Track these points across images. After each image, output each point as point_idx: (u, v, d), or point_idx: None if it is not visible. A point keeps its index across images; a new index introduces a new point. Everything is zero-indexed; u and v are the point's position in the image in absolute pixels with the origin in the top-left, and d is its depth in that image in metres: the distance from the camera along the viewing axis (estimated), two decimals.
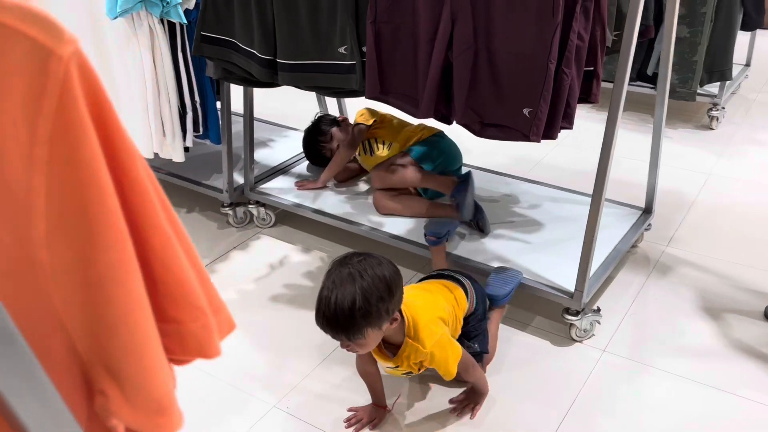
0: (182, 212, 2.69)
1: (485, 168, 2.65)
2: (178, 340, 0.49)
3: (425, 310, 1.61)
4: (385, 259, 1.51)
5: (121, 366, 0.46)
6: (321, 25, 1.85)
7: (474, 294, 1.81)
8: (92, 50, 2.27)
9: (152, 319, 0.46)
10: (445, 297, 1.73)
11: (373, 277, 1.42)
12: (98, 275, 0.43)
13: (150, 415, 0.47)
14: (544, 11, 1.49)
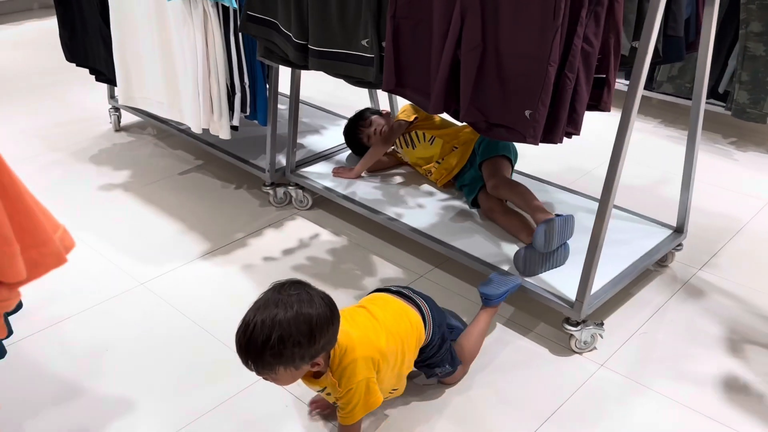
0: (230, 188, 2.85)
1: (528, 174, 2.63)
2: None
3: (360, 345, 1.48)
4: (324, 297, 1.40)
5: None
6: (348, 16, 1.92)
7: (431, 322, 1.67)
8: (156, 28, 2.45)
9: None
10: (397, 325, 1.59)
11: (296, 316, 1.31)
12: None
13: None
14: (546, 14, 1.49)
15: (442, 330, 1.71)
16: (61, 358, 1.92)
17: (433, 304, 1.74)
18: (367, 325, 1.55)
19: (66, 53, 3.03)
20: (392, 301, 1.68)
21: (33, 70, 4.21)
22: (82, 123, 3.46)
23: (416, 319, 1.64)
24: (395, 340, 1.57)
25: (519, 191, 2.23)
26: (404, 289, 1.74)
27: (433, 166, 2.50)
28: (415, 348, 1.65)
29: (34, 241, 0.61)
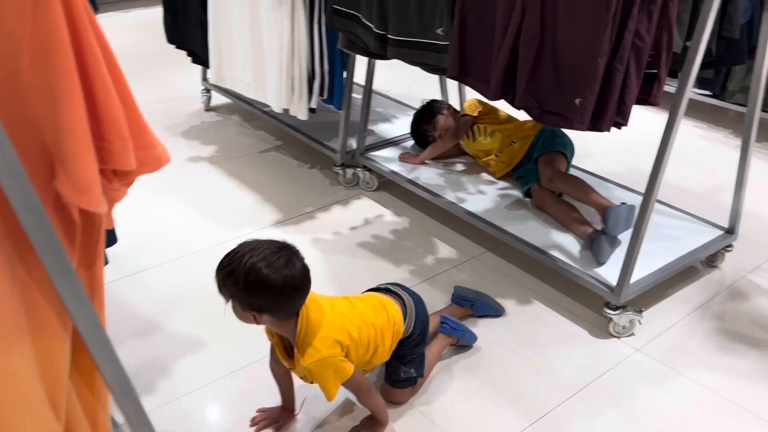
0: (305, 167, 3.06)
1: (590, 170, 2.72)
2: (107, 154, 0.77)
3: (327, 327, 1.52)
4: (294, 276, 1.43)
5: (65, 158, 0.74)
6: (425, 7, 2.08)
7: (414, 317, 1.72)
8: (248, 14, 2.68)
9: (88, 133, 0.73)
10: (372, 314, 1.64)
11: (254, 267, 1.39)
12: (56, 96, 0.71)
13: (77, 194, 0.75)
14: (599, 9, 1.60)
15: (424, 327, 1.76)
16: (143, 300, 2.17)
17: (419, 301, 1.78)
18: (344, 313, 1.59)
19: (167, 35, 3.32)
20: (375, 295, 1.74)
21: (138, 53, 4.58)
22: (177, 102, 3.77)
23: (395, 311, 1.69)
24: (369, 330, 1.61)
25: (576, 183, 2.34)
26: (392, 286, 1.80)
27: (491, 159, 2.63)
28: (392, 339, 1.68)
29: (141, 144, 0.80)
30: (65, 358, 0.87)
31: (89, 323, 0.84)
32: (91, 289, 0.87)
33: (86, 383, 0.93)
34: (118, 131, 0.76)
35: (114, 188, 0.81)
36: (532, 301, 2.19)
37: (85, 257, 0.85)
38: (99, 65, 0.74)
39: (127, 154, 0.77)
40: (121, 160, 0.76)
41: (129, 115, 0.78)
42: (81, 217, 0.82)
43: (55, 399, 0.88)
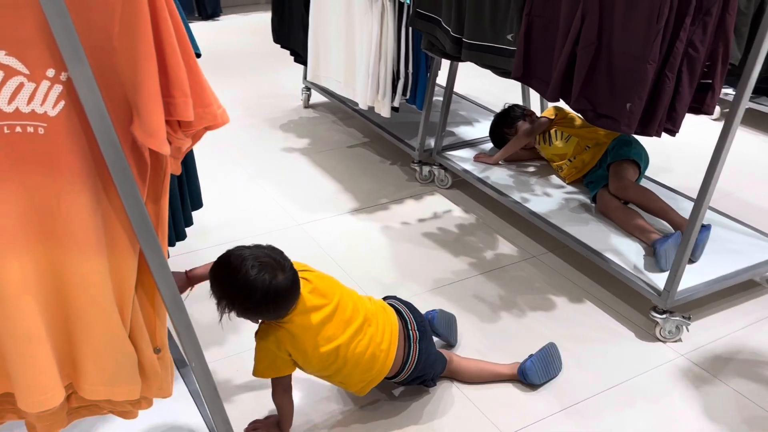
0: (386, 163, 3.25)
1: (665, 184, 2.74)
2: (173, 107, 0.97)
3: (293, 334, 1.55)
4: (287, 283, 1.48)
5: (140, 107, 0.95)
6: (498, 14, 2.22)
7: (415, 361, 1.70)
8: (344, 17, 2.91)
9: (158, 88, 0.94)
10: (355, 335, 1.60)
11: (257, 277, 1.45)
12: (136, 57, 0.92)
13: (147, 137, 0.96)
14: (651, 18, 1.68)
15: (426, 370, 1.75)
16: None
17: (428, 340, 1.76)
18: (327, 336, 1.57)
19: (274, 35, 3.62)
20: (388, 310, 1.73)
21: (250, 52, 4.95)
22: (279, 98, 4.07)
23: (388, 359, 1.66)
24: (343, 345, 1.59)
25: (647, 194, 2.39)
26: (407, 312, 1.78)
27: (564, 163, 2.71)
28: (365, 375, 1.66)
29: (201, 101, 1.00)
30: (132, 274, 1.09)
31: (152, 246, 1.05)
32: (156, 219, 1.08)
33: (149, 299, 1.14)
34: (182, 89, 0.96)
35: (179, 137, 1.02)
36: (584, 300, 2.26)
37: (153, 192, 1.06)
38: (170, 35, 0.94)
39: (187, 108, 0.97)
40: (183, 112, 0.97)
41: (192, 78, 0.98)
42: (151, 158, 1.03)
43: (122, 306, 1.10)
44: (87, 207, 1.01)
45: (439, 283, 2.34)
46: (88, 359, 1.11)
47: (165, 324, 1.17)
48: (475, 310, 2.20)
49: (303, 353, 1.57)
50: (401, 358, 1.71)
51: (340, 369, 1.62)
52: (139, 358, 1.16)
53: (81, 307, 1.07)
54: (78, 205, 1.00)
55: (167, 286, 1.09)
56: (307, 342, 1.56)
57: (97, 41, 0.93)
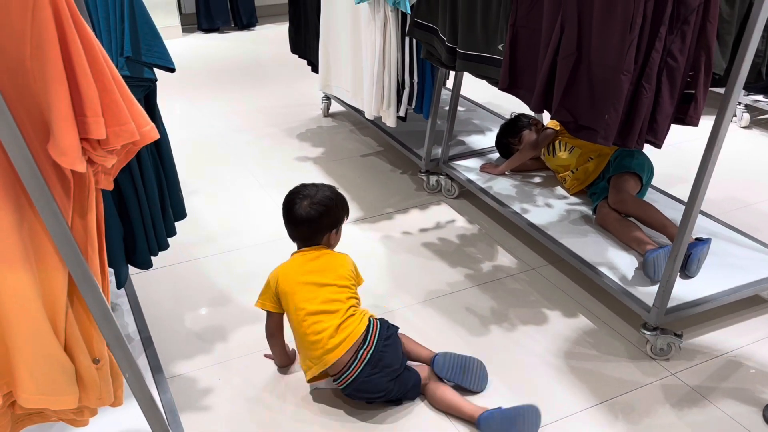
0: (397, 172, 3.25)
1: (669, 193, 2.67)
2: (86, 126, 1.00)
3: (281, 268, 1.87)
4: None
5: (52, 125, 0.97)
6: (489, 24, 2.19)
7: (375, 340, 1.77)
8: (350, 28, 2.93)
9: (69, 109, 0.97)
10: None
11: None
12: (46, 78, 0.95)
13: (60, 155, 0.99)
14: (624, 28, 1.64)
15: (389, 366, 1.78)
16: (224, 275, 2.46)
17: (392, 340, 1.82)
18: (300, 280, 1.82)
19: (291, 45, 3.67)
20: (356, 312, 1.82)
21: (281, 61, 5.03)
22: (299, 107, 4.11)
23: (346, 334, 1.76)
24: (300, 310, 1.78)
25: (646, 208, 2.33)
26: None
27: (567, 174, 2.65)
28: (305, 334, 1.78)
29: (116, 120, 1.02)
30: (63, 286, 1.12)
31: (74, 260, 1.08)
32: (84, 233, 1.11)
33: (84, 311, 1.18)
34: (93, 109, 0.99)
35: (99, 155, 1.04)
36: (578, 315, 2.21)
37: (80, 207, 1.09)
38: (80, 57, 0.97)
39: (99, 127, 1.00)
40: (95, 131, 1.00)
41: (106, 97, 1.01)
42: (73, 175, 1.06)
43: (54, 318, 1.14)
44: (10, 222, 1.04)
45: (432, 294, 2.33)
46: (22, 369, 1.15)
47: (102, 336, 1.20)
48: (465, 323, 2.18)
49: (284, 294, 1.82)
50: (342, 365, 1.76)
51: (295, 330, 1.82)
52: (77, 368, 1.19)
53: (12, 319, 1.11)
54: (1, 221, 1.04)
55: (94, 299, 1.11)
56: (287, 285, 1.82)
57: (11, 63, 0.97)
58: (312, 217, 1.84)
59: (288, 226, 1.90)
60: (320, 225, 1.86)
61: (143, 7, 1.63)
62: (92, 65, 0.99)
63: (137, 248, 1.85)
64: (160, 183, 1.86)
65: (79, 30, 0.97)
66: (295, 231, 1.89)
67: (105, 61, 1.01)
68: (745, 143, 3.51)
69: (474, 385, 1.88)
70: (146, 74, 1.67)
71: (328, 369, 1.78)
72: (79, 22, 0.97)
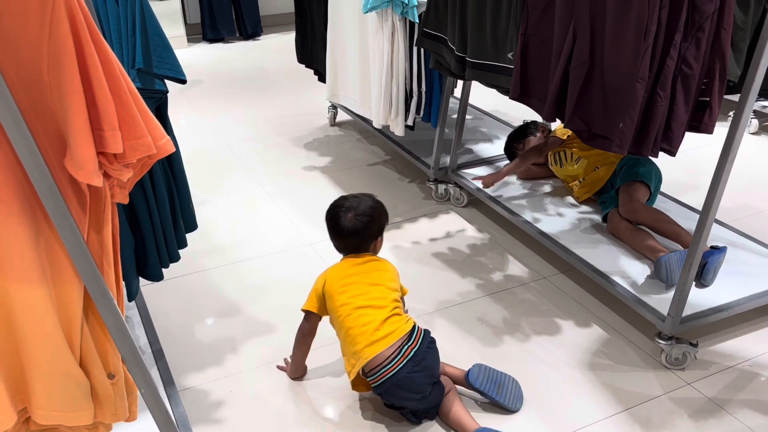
0: (405, 181, 3.24)
1: (681, 200, 2.65)
2: (103, 140, 0.99)
3: (331, 271, 1.89)
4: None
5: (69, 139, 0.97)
6: (498, 33, 2.18)
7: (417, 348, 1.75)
8: (358, 37, 2.92)
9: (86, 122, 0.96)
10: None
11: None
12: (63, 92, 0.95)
13: (77, 169, 0.98)
14: (639, 35, 1.63)
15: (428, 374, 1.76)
16: (234, 286, 2.45)
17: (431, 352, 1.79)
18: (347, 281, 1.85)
19: (297, 55, 3.67)
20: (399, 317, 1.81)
21: (286, 71, 5.04)
22: (306, 116, 4.11)
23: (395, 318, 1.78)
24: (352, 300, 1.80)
25: (659, 217, 2.31)
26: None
27: (575, 184, 2.64)
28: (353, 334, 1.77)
29: (132, 134, 1.01)
30: (79, 301, 1.11)
31: (91, 275, 1.07)
32: (100, 247, 1.10)
33: (100, 325, 1.17)
34: (110, 122, 0.98)
35: (115, 169, 1.03)
36: (591, 324, 2.19)
37: (96, 222, 1.08)
38: (97, 70, 0.96)
39: (116, 141, 0.99)
40: (112, 145, 0.99)
41: (123, 111, 1.00)
42: (90, 189, 1.06)
43: (70, 333, 1.12)
44: (26, 237, 1.04)
45: (444, 304, 2.31)
46: (38, 385, 1.14)
47: (117, 350, 1.19)
48: (477, 334, 2.16)
49: (331, 294, 1.83)
50: (384, 359, 1.73)
51: (339, 327, 1.82)
52: (92, 383, 1.18)
53: (27, 335, 1.10)
54: (16, 236, 1.03)
55: (110, 314, 1.10)
56: (336, 285, 1.84)
57: (28, 77, 0.96)
58: (358, 228, 1.87)
59: (335, 239, 1.92)
60: (366, 234, 1.89)
61: (155, 19, 1.63)
62: (109, 79, 0.98)
63: (149, 261, 1.84)
64: (171, 195, 1.85)
65: (97, 44, 0.96)
66: (343, 243, 1.91)
67: (121, 75, 1.01)
68: (754, 149, 3.49)
69: (509, 402, 1.84)
70: (158, 86, 1.66)
71: (367, 364, 1.73)
72: (96, 36, 0.96)
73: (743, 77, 1.71)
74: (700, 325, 1.99)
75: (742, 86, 1.70)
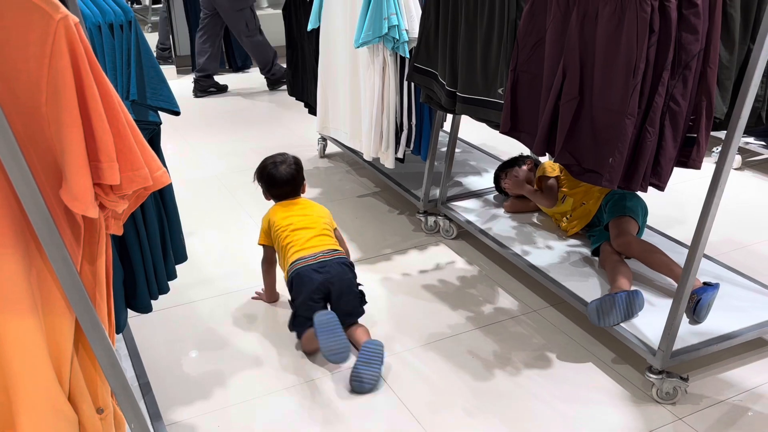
0: (394, 213, 3.24)
1: (668, 234, 2.68)
2: (100, 171, 0.99)
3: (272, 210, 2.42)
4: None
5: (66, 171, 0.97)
6: (489, 68, 2.22)
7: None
8: (350, 71, 2.96)
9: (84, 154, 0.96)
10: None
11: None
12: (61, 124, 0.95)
13: (72, 200, 0.98)
14: (628, 72, 1.66)
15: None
16: (222, 318, 2.43)
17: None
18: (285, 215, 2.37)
19: (288, 88, 3.70)
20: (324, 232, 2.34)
21: (271, 103, 5.07)
22: (296, 148, 4.12)
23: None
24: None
25: (652, 250, 2.32)
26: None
27: (563, 220, 2.67)
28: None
29: (129, 166, 1.01)
30: (69, 334, 1.10)
31: (83, 307, 1.06)
32: (93, 279, 1.09)
33: (90, 359, 1.15)
34: (108, 154, 0.98)
35: (111, 200, 1.03)
36: (581, 358, 2.19)
37: (89, 254, 1.08)
38: (96, 103, 0.97)
39: (113, 172, 0.99)
40: (109, 177, 0.99)
41: (120, 143, 1.00)
42: (84, 220, 1.05)
43: (60, 367, 1.11)
44: (18, 269, 1.03)
45: (434, 337, 2.30)
46: (25, 419, 1.11)
47: (107, 384, 1.17)
48: (468, 368, 2.15)
49: (275, 227, 2.35)
50: (301, 258, 2.23)
51: (280, 248, 2.33)
52: (80, 418, 1.16)
53: (15, 368, 1.08)
54: (9, 267, 1.02)
55: (101, 347, 1.09)
56: (278, 221, 2.35)
57: (26, 108, 0.96)
58: (293, 175, 2.37)
59: (273, 190, 2.40)
60: (298, 180, 2.39)
61: (150, 52, 1.64)
62: (108, 111, 0.99)
63: (138, 292, 1.82)
64: (162, 225, 1.85)
65: (97, 77, 0.97)
66: (282, 190, 2.38)
67: (120, 107, 1.01)
68: (737, 184, 3.54)
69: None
70: (151, 117, 1.67)
71: (291, 264, 2.23)
72: (96, 68, 0.97)
73: (729, 114, 1.75)
74: (690, 359, 1.99)
75: (728, 123, 1.73)
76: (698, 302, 2.06)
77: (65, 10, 0.92)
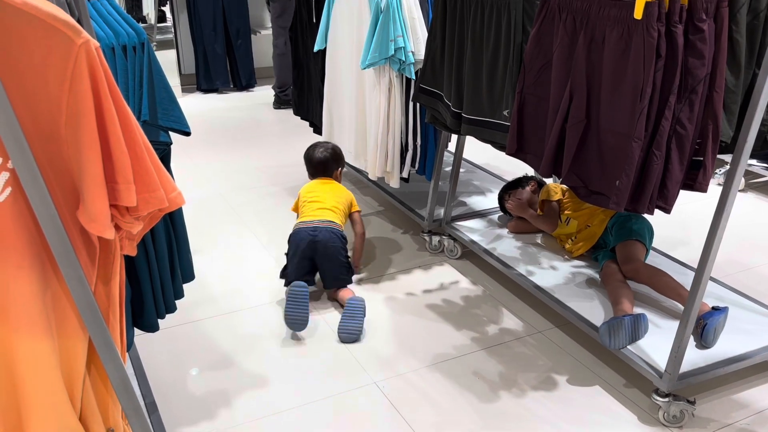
0: (398, 232, 3.25)
1: (673, 256, 2.68)
2: (117, 193, 1.00)
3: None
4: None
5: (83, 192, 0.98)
6: (494, 90, 2.24)
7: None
8: (355, 92, 2.98)
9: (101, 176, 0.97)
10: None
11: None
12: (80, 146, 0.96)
13: (89, 221, 0.99)
14: (635, 96, 1.68)
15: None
16: (227, 337, 2.42)
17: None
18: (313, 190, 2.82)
19: (293, 107, 3.72)
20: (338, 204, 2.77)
21: (276, 122, 5.09)
22: (300, 166, 4.08)
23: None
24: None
25: (660, 274, 2.32)
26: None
27: (567, 242, 2.68)
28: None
29: (146, 187, 1.02)
30: (83, 354, 1.10)
31: (98, 328, 1.06)
32: (107, 300, 1.10)
33: (102, 379, 1.15)
34: (125, 176, 0.99)
35: (126, 221, 1.04)
36: (588, 381, 2.18)
37: (104, 274, 1.08)
38: (114, 125, 0.98)
39: (130, 194, 1.00)
40: (126, 198, 1.00)
41: (137, 165, 1.01)
42: (100, 241, 1.06)
43: (72, 386, 1.11)
44: (34, 289, 1.03)
45: (439, 358, 2.30)
46: None
47: (118, 405, 1.17)
48: (473, 389, 2.15)
49: (300, 199, 2.82)
50: (303, 222, 2.68)
51: (299, 214, 2.78)
52: None
53: (28, 388, 1.08)
54: (25, 288, 1.02)
55: (114, 367, 1.09)
56: (305, 193, 2.82)
57: (45, 130, 0.98)
58: (325, 158, 2.83)
59: (310, 167, 2.89)
60: (329, 163, 2.83)
61: (161, 73, 1.65)
62: (126, 134, 1.00)
63: (145, 311, 1.82)
64: (171, 244, 1.85)
65: (115, 99, 0.98)
66: (315, 169, 2.86)
67: (137, 130, 1.02)
68: (740, 206, 3.55)
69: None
70: (162, 138, 1.68)
71: (296, 225, 2.69)
72: (114, 91, 0.98)
73: (735, 137, 1.76)
74: (697, 382, 1.99)
75: (735, 146, 1.75)
76: (705, 327, 2.06)
77: (86, 35, 0.94)
